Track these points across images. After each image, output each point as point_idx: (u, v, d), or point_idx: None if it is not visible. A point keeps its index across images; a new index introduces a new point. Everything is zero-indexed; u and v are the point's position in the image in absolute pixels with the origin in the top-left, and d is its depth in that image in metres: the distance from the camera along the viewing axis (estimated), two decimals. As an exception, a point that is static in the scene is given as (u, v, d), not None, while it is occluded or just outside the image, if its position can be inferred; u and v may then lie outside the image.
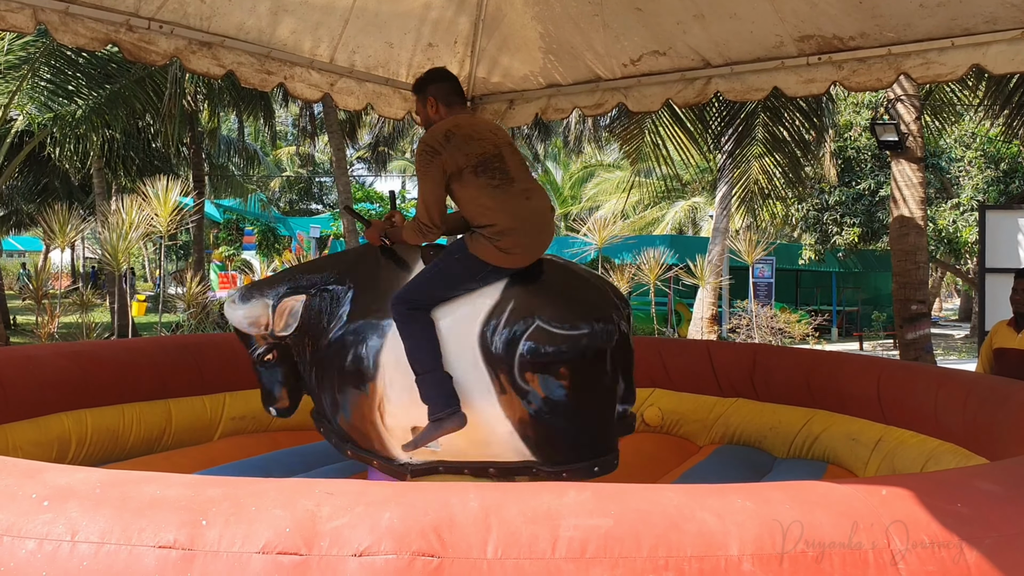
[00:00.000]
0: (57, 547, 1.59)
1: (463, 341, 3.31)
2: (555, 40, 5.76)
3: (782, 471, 4.79)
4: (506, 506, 1.71)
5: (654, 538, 1.66)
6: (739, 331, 16.01)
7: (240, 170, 26.05)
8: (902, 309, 9.03)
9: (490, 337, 3.27)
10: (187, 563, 1.57)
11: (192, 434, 5.10)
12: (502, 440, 3.34)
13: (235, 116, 19.89)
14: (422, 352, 3.26)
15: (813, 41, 4.99)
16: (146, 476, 1.83)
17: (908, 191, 9.08)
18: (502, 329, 3.26)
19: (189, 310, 11.37)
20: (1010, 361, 4.80)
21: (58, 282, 17.71)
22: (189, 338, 6.44)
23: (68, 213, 10.42)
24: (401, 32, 5.73)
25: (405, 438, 3.37)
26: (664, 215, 27.53)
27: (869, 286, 26.81)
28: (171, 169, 17.23)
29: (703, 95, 5.60)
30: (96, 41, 4.56)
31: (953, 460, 3.99)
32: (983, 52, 4.55)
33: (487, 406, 3.29)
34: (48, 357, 4.64)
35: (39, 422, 4.35)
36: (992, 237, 8.77)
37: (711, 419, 5.52)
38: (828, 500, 1.86)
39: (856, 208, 18.47)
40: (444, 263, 3.42)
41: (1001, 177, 17.40)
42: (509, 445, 3.35)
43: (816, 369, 5.18)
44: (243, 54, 5.20)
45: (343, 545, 1.59)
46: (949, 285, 37.41)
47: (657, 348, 5.92)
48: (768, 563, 1.67)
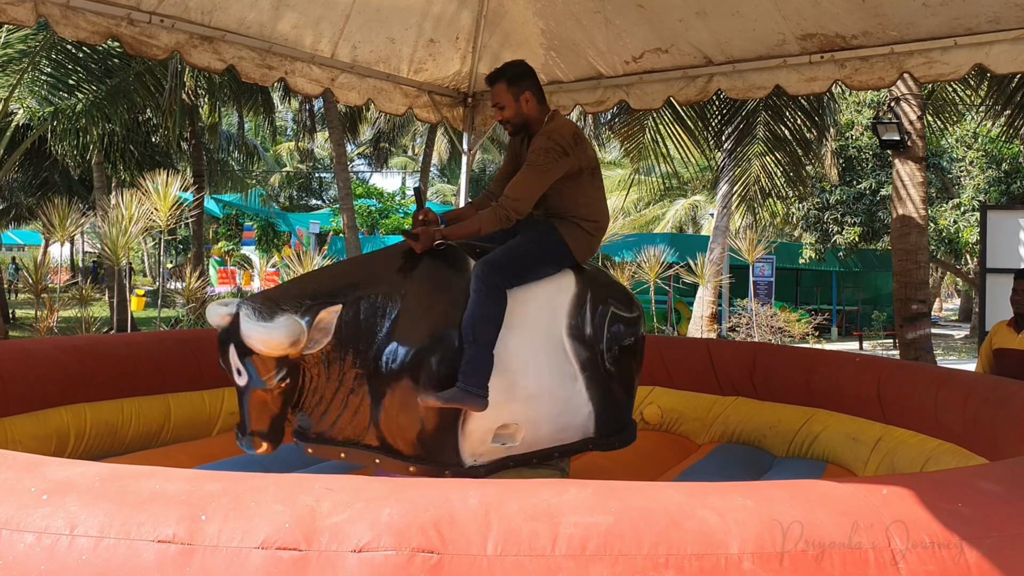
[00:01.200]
0: (56, 541, 1.59)
1: (551, 330, 3.50)
2: (557, 36, 5.75)
3: (781, 470, 4.78)
4: (506, 503, 1.70)
5: (654, 536, 1.66)
6: (739, 330, 16.01)
7: (240, 165, 26.04)
8: (902, 309, 9.03)
9: (580, 326, 3.55)
10: (186, 557, 1.56)
11: (191, 429, 5.10)
12: (579, 424, 3.58)
13: (235, 111, 19.87)
14: (489, 323, 3.23)
15: (816, 39, 4.98)
16: (145, 470, 1.82)
17: (910, 190, 9.07)
18: (589, 317, 3.58)
19: (188, 305, 11.36)
20: (1010, 361, 4.80)
21: (57, 276, 17.70)
22: (188, 333, 6.43)
23: (68, 207, 10.39)
24: (403, 27, 5.72)
25: (484, 441, 3.33)
26: (665, 213, 27.53)
27: (869, 286, 26.80)
28: (171, 164, 17.21)
29: (705, 93, 5.59)
30: (97, 35, 4.55)
31: (953, 460, 3.99)
32: (986, 52, 4.55)
33: (574, 394, 3.52)
34: (47, 351, 4.63)
35: (38, 416, 4.34)
36: (993, 237, 8.76)
37: (711, 417, 5.51)
38: (829, 499, 1.85)
39: (857, 207, 18.46)
40: (538, 240, 3.53)
41: (1003, 177, 17.38)
42: (582, 428, 3.60)
43: (816, 368, 5.17)
44: (244, 48, 5.20)
45: (342, 541, 1.58)
46: (949, 285, 37.41)
47: (657, 346, 5.91)
48: (768, 562, 1.67)
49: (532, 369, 3.39)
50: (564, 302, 3.53)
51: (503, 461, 3.45)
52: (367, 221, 31.17)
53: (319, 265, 12.34)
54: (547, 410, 3.45)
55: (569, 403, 3.50)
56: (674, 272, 15.41)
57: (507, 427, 3.37)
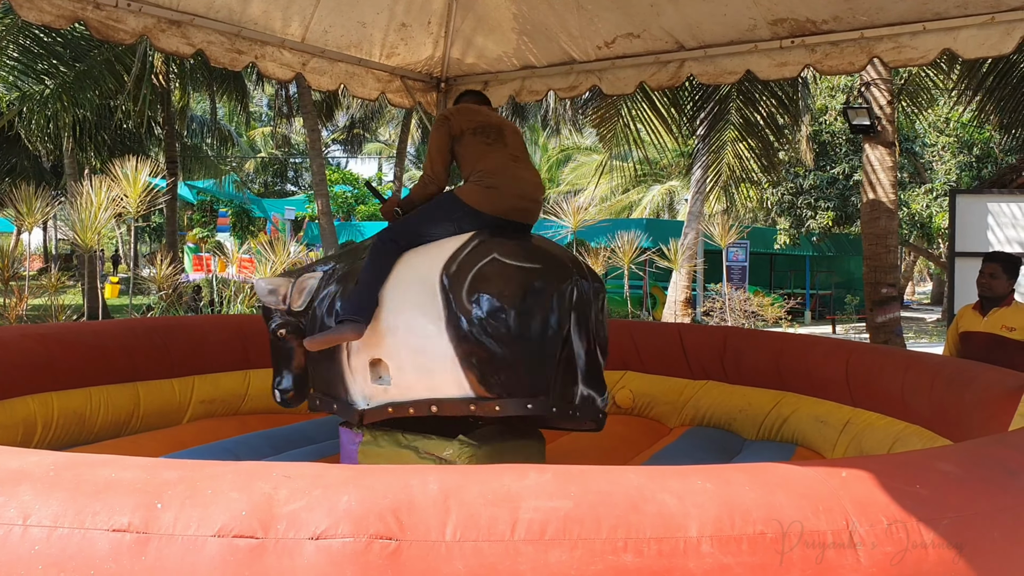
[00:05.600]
0: (8, 531, 1.57)
1: (427, 275, 3.57)
2: (529, 21, 5.73)
3: (751, 453, 4.82)
4: (466, 488, 1.70)
5: (614, 519, 1.66)
6: (713, 314, 16.09)
7: (214, 151, 25.79)
8: (872, 292, 9.10)
9: (450, 267, 3.54)
10: (141, 546, 1.55)
11: (161, 417, 5.05)
12: (444, 368, 3.45)
13: (208, 96, 19.67)
14: (370, 273, 3.64)
15: (786, 24, 4.99)
16: (101, 459, 1.80)
17: (880, 175, 9.13)
18: (462, 260, 3.55)
19: (160, 292, 11.25)
20: (975, 344, 4.85)
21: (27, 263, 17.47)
22: (158, 321, 6.38)
23: (36, 194, 10.24)
24: (374, 11, 5.67)
25: (367, 380, 3.65)
26: (642, 199, 27.57)
27: (842, 270, 27.02)
28: (143, 150, 17.01)
29: (677, 78, 5.60)
30: (62, 19, 4.46)
31: (919, 442, 4.03)
32: (954, 36, 4.57)
33: (435, 331, 3.46)
34: (14, 339, 4.57)
35: (4, 405, 4.28)
36: (962, 221, 8.84)
37: (682, 401, 5.54)
38: (788, 482, 1.86)
39: (830, 192, 18.59)
40: (430, 204, 3.89)
41: (973, 162, 17.56)
42: (451, 375, 3.45)
43: (785, 352, 5.21)
44: (213, 33, 5.13)
45: (300, 528, 1.57)
46: (922, 269, 37.78)
47: (629, 330, 5.93)
48: (727, 544, 1.68)
49: (395, 304, 3.59)
50: (449, 250, 3.62)
51: (382, 408, 3.63)
52: (343, 207, 31.02)
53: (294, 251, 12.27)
54: (404, 343, 3.53)
55: (431, 339, 3.45)
56: (648, 257, 15.44)
57: (377, 363, 3.63)
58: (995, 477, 2.03)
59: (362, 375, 3.67)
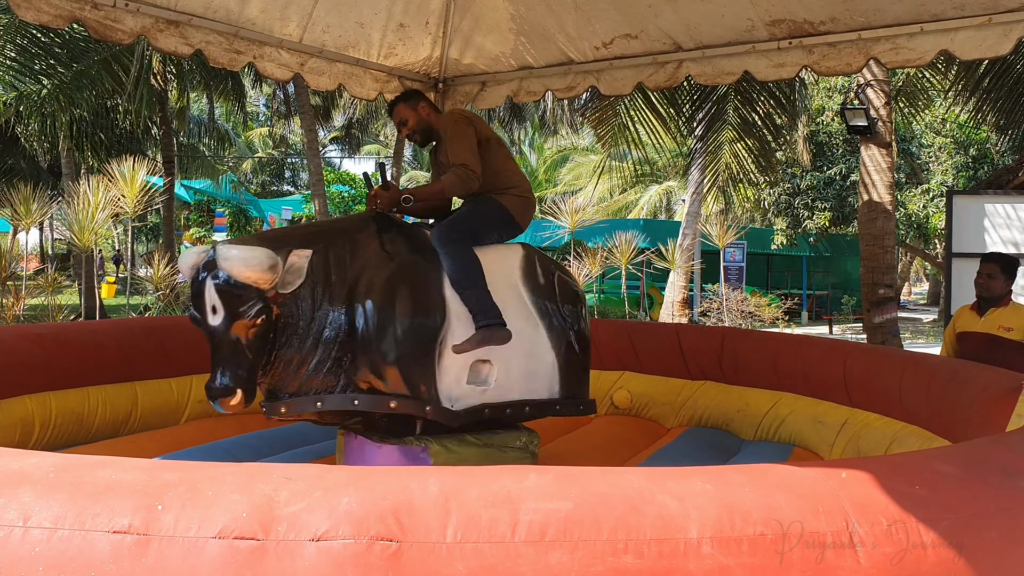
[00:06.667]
0: (9, 533, 1.56)
1: (506, 280, 3.75)
2: (527, 21, 5.73)
3: (749, 453, 4.83)
4: (466, 490, 1.70)
5: (614, 521, 1.66)
6: (710, 314, 16.10)
7: (211, 151, 25.76)
8: (870, 293, 9.12)
9: (535, 279, 3.85)
10: (142, 548, 1.55)
11: (159, 417, 5.05)
12: (546, 373, 3.80)
13: (206, 96, 19.65)
14: (474, 268, 3.62)
15: (784, 25, 5.00)
16: (101, 460, 1.80)
17: (877, 176, 9.14)
18: (541, 274, 3.88)
19: (158, 292, 11.23)
20: (972, 345, 4.85)
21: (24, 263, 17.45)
22: (156, 320, 6.38)
23: (33, 193, 10.23)
24: (372, 11, 5.67)
25: (460, 381, 3.60)
26: (639, 199, 27.57)
27: (839, 270, 27.01)
28: (140, 149, 17.00)
29: (674, 79, 5.60)
30: (60, 18, 4.45)
31: (917, 442, 4.04)
32: (951, 38, 4.58)
33: (539, 339, 3.78)
34: (11, 339, 4.57)
35: (1, 405, 4.28)
36: (959, 222, 8.84)
37: (679, 402, 5.55)
38: (788, 483, 1.86)
39: (827, 193, 18.58)
40: (480, 212, 3.90)
41: (970, 163, 17.57)
42: (547, 378, 3.81)
43: (783, 352, 5.21)
44: (211, 33, 5.12)
45: (300, 530, 1.57)
46: (918, 270, 37.82)
47: (627, 331, 5.93)
48: (727, 545, 1.68)
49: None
50: (516, 260, 3.89)
51: (478, 409, 3.64)
52: (340, 207, 30.98)
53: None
54: (516, 348, 3.66)
55: (536, 347, 3.77)
56: (645, 257, 15.45)
57: (481, 364, 3.64)
58: (994, 478, 2.04)
59: (456, 376, 3.60)
